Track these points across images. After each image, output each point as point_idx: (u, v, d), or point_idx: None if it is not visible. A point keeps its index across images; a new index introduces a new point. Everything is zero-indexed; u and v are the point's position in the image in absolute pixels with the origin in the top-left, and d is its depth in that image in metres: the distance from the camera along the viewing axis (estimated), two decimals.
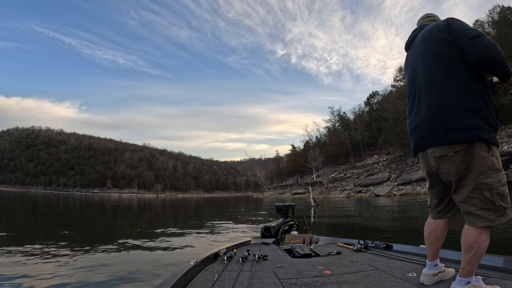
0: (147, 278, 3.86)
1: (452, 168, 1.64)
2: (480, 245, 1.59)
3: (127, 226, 10.79)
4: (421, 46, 1.83)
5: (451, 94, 1.63)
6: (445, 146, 1.64)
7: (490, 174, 1.58)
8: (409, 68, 1.96)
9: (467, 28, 1.63)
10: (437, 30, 1.74)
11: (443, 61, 1.69)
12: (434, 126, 1.68)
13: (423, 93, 1.77)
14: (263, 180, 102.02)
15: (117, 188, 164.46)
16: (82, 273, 3.99)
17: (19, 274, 3.93)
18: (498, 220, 1.58)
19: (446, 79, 1.67)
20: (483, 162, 1.58)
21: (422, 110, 1.76)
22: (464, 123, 1.59)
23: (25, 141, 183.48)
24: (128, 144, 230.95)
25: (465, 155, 1.60)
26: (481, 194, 1.59)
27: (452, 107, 1.62)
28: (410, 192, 27.98)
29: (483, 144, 1.59)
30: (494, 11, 42.66)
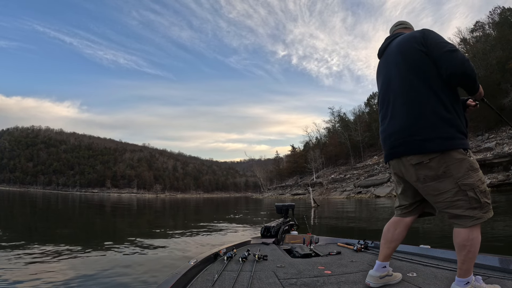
0: (147, 278, 3.85)
1: (430, 173, 1.68)
2: (472, 242, 1.63)
3: (126, 226, 10.77)
4: (396, 56, 1.85)
5: (426, 104, 1.68)
6: (420, 154, 1.68)
7: (470, 175, 1.64)
8: (382, 76, 1.98)
9: (443, 41, 1.67)
10: (412, 41, 1.76)
11: (418, 72, 1.73)
12: (410, 135, 1.71)
13: (397, 102, 1.80)
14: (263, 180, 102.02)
15: (117, 188, 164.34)
16: (81, 273, 3.98)
17: (17, 273, 3.91)
18: (485, 216, 1.64)
19: (421, 90, 1.70)
20: (462, 165, 1.64)
21: (396, 119, 1.79)
22: (438, 133, 1.64)
23: (25, 140, 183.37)
24: (128, 144, 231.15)
25: (440, 161, 1.65)
26: (466, 195, 1.63)
27: (427, 117, 1.67)
28: None
29: (460, 149, 1.65)
30: (495, 12, 42.78)
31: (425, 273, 2.13)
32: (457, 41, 45.92)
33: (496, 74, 34.02)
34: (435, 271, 2.16)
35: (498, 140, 29.15)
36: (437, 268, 2.24)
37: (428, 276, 2.05)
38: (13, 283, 3.56)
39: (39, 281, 3.64)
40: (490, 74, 34.61)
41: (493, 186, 22.17)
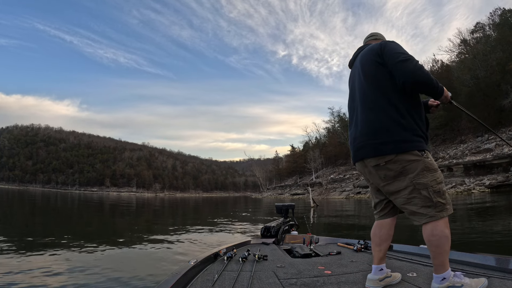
0: (147, 278, 3.84)
1: (388, 173, 1.81)
2: (437, 237, 1.71)
3: (126, 226, 10.75)
4: (358, 66, 2.00)
5: (381, 111, 1.81)
6: (377, 157, 1.81)
7: (424, 175, 1.74)
8: (350, 85, 2.15)
9: (397, 52, 1.78)
10: (370, 53, 1.91)
11: (374, 81, 1.86)
12: (368, 139, 1.84)
13: (359, 109, 1.94)
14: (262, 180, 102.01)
15: (116, 187, 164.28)
16: (80, 273, 3.96)
17: (15, 272, 3.90)
18: (438, 215, 1.72)
19: (376, 98, 1.84)
20: (417, 166, 1.74)
21: (358, 125, 1.93)
22: (393, 137, 1.76)
23: (24, 138, 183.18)
24: (127, 143, 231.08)
25: (396, 163, 1.76)
26: (419, 193, 1.74)
27: (382, 123, 1.79)
28: None
29: (414, 151, 1.74)
30: (495, 14, 42.73)
31: (425, 273, 2.12)
32: (457, 42, 46.03)
33: (496, 75, 34.02)
34: None
35: (497, 141, 29.16)
36: None
37: (428, 276, 2.03)
38: (11, 281, 3.54)
39: (38, 280, 3.62)
40: (490, 75, 34.60)
41: (493, 187, 22.21)
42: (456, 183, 26.25)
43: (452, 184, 26.16)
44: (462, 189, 24.06)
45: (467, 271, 2.06)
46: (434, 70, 50.15)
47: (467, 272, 2.06)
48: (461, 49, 45.24)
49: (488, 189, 22.24)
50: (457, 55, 46.04)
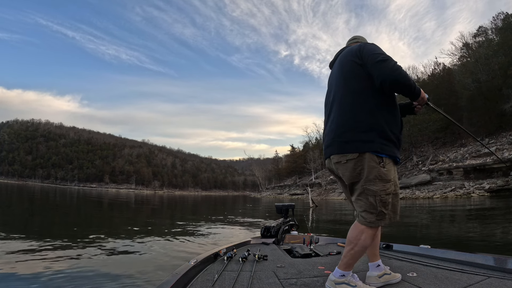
0: (147, 278, 3.82)
1: (346, 173, 1.85)
2: (359, 241, 1.78)
3: (125, 224, 10.73)
4: (337, 67, 2.05)
5: (350, 110, 1.85)
6: (340, 154, 1.85)
7: (376, 183, 1.76)
8: (328, 85, 2.18)
9: (376, 53, 1.80)
10: (349, 54, 1.95)
11: (350, 81, 1.89)
12: (334, 137, 1.90)
13: (333, 108, 1.99)
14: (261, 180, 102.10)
15: (115, 183, 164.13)
16: (79, 273, 3.94)
17: (13, 271, 3.90)
18: (378, 223, 1.78)
19: (348, 98, 1.88)
20: (371, 172, 1.76)
21: (330, 123, 1.99)
22: (356, 136, 1.79)
23: (24, 133, 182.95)
24: (127, 139, 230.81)
25: (357, 163, 1.79)
26: (366, 199, 1.78)
27: (349, 122, 1.83)
28: (409, 196, 27.96)
29: (374, 156, 1.76)
30: (498, 18, 42.68)
31: (425, 273, 2.12)
32: (459, 46, 45.96)
33: (498, 80, 33.97)
34: (435, 271, 2.15)
35: (498, 145, 29.14)
36: (437, 268, 2.24)
37: (428, 276, 2.04)
38: (9, 280, 3.54)
39: (36, 279, 3.62)
40: (492, 79, 34.56)
41: (492, 191, 22.19)
42: (456, 186, 26.26)
43: (452, 188, 26.17)
44: (462, 193, 24.04)
45: (467, 271, 2.06)
46: (436, 73, 50.18)
47: (467, 272, 2.06)
48: (463, 53, 45.18)
49: (487, 193, 22.22)
50: (459, 59, 46.00)
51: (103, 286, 3.50)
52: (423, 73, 53.06)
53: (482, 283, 1.80)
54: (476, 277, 1.93)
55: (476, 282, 1.84)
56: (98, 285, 3.50)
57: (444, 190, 26.33)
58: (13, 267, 4.01)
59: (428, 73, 52.41)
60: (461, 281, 1.88)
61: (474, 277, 1.93)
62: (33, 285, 3.40)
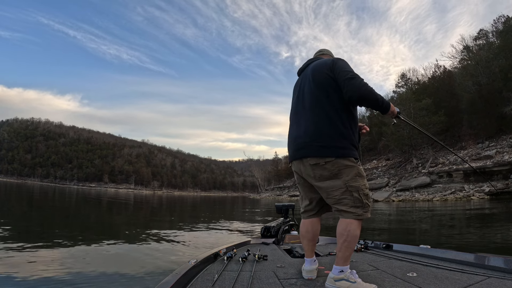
0: (146, 278, 3.80)
1: (324, 173, 2.02)
2: (349, 232, 1.92)
3: (124, 224, 10.71)
4: (310, 76, 2.19)
5: (327, 118, 2.03)
6: (318, 157, 2.01)
7: (357, 179, 1.99)
8: (298, 90, 2.31)
9: (345, 70, 2.01)
10: (324, 66, 2.12)
11: (324, 92, 2.07)
12: (311, 141, 2.04)
13: (306, 113, 2.13)
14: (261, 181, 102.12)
15: (114, 183, 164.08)
16: (78, 273, 3.92)
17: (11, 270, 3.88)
18: (365, 214, 1.97)
19: (325, 106, 2.05)
20: (351, 171, 1.99)
21: (302, 127, 2.13)
22: (335, 142, 1.99)
23: (24, 132, 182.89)
24: (127, 139, 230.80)
25: (334, 165, 1.98)
26: (351, 195, 1.97)
27: (326, 129, 2.01)
28: (409, 198, 27.89)
29: (351, 158, 2.00)
30: (499, 21, 42.76)
31: (425, 273, 2.11)
32: (460, 49, 46.04)
33: (498, 83, 34.00)
34: (435, 271, 2.14)
35: (498, 148, 29.14)
36: (437, 268, 2.23)
37: (428, 276, 2.03)
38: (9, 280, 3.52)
39: (34, 278, 3.60)
40: (493, 82, 34.59)
41: (492, 194, 22.15)
42: (456, 189, 26.23)
43: (452, 190, 26.14)
44: (462, 195, 24.01)
45: (467, 271, 2.05)
46: (436, 76, 50.21)
47: (467, 272, 2.05)
48: (463, 56, 45.26)
49: (487, 196, 22.18)
50: (460, 62, 46.08)
51: (102, 286, 3.48)
52: (424, 75, 53.17)
53: (482, 283, 1.79)
54: (476, 277, 1.92)
55: (476, 282, 1.83)
56: (98, 285, 3.48)
57: (444, 193, 26.29)
58: (11, 267, 3.98)
59: (428, 75, 52.48)
60: (461, 281, 1.87)
61: (474, 277, 1.92)
62: (31, 285, 3.38)
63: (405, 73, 53.08)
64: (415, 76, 53.00)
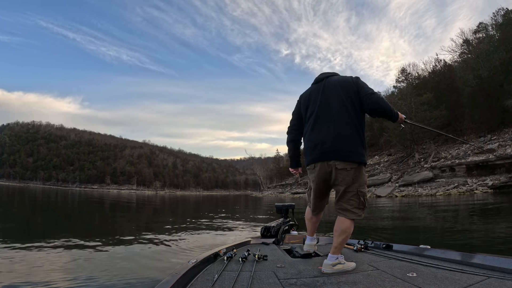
0: (146, 278, 3.80)
1: (347, 178, 2.34)
2: (349, 230, 2.37)
3: (125, 224, 10.72)
4: (338, 88, 2.46)
5: (353, 127, 2.35)
6: (346, 162, 2.32)
7: (364, 186, 2.40)
8: (320, 98, 2.52)
9: (367, 87, 2.41)
10: (350, 81, 2.47)
11: (351, 103, 2.38)
12: (341, 146, 2.32)
13: (333, 120, 2.39)
14: (263, 179, 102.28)
15: (116, 184, 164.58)
16: (78, 273, 3.91)
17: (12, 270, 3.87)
18: (362, 215, 2.39)
19: (351, 116, 2.36)
20: (363, 178, 2.39)
21: (330, 132, 2.37)
22: (358, 149, 2.34)
23: (25, 135, 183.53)
24: (128, 140, 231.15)
25: (356, 172, 2.33)
26: (358, 198, 2.35)
27: (353, 136, 2.34)
28: (412, 193, 27.81)
29: (363, 166, 2.39)
30: (498, 14, 42.58)
31: (425, 273, 2.10)
32: (459, 42, 45.82)
33: (499, 76, 33.84)
34: (435, 271, 2.14)
35: (500, 141, 29.04)
36: (437, 268, 2.22)
37: (428, 276, 2.02)
38: (9, 280, 3.50)
39: (34, 278, 3.58)
40: (493, 75, 34.41)
41: (495, 187, 22.08)
42: (459, 183, 26.14)
43: (455, 185, 26.06)
44: (465, 190, 23.93)
45: (467, 271, 2.05)
46: (436, 70, 50.00)
47: (467, 272, 2.05)
48: (463, 49, 45.07)
49: (491, 190, 22.10)
50: (460, 55, 45.89)
51: (102, 286, 3.48)
52: (424, 70, 52.92)
53: (482, 283, 1.79)
54: (476, 277, 1.92)
55: (476, 282, 1.82)
56: (98, 285, 3.48)
57: (447, 187, 26.22)
58: (11, 268, 3.96)
59: (428, 70, 52.26)
60: (461, 281, 1.87)
61: (474, 277, 1.91)
62: (31, 285, 3.36)
63: (405, 68, 52.85)
64: (415, 71, 52.77)
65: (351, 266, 2.33)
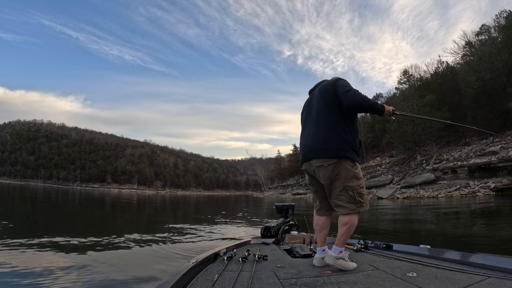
0: (146, 278, 3.78)
1: (326, 174, 2.42)
2: (351, 221, 2.39)
3: (126, 224, 10.73)
4: (319, 93, 2.62)
5: (330, 126, 2.44)
6: (321, 159, 2.42)
7: (352, 180, 2.39)
8: (307, 106, 2.76)
9: (343, 86, 2.46)
10: (328, 85, 2.57)
11: (328, 105, 2.49)
12: (317, 145, 2.46)
13: (312, 123, 2.55)
14: (264, 179, 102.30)
15: (117, 183, 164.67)
16: (78, 273, 3.89)
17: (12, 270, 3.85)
18: (358, 209, 2.41)
19: (328, 116, 2.48)
20: (350, 173, 2.39)
21: (311, 135, 2.52)
22: (335, 145, 2.39)
23: (27, 134, 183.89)
24: (130, 140, 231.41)
25: (335, 167, 2.38)
26: (347, 193, 2.39)
27: (329, 135, 2.42)
28: (414, 195, 27.69)
29: (348, 161, 2.39)
30: (501, 16, 42.49)
31: (425, 273, 2.10)
32: (462, 44, 45.73)
33: (502, 78, 33.73)
34: (435, 271, 2.14)
35: (503, 144, 28.91)
36: (437, 268, 2.22)
37: (428, 276, 2.02)
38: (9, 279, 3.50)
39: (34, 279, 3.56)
40: (496, 77, 34.29)
41: (498, 190, 21.96)
42: (461, 185, 26.02)
43: (457, 187, 25.95)
44: (467, 192, 23.80)
45: (467, 271, 2.05)
46: (439, 72, 49.93)
47: (467, 272, 2.04)
48: (465, 51, 44.97)
49: (493, 192, 21.98)
50: (462, 57, 45.79)
51: (102, 285, 3.46)
52: (426, 71, 52.87)
53: (482, 283, 1.80)
54: (476, 277, 1.92)
55: (476, 282, 1.82)
56: (97, 285, 3.46)
57: (449, 189, 26.11)
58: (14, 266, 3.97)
59: (431, 71, 52.20)
60: (461, 281, 1.87)
61: (474, 277, 1.91)
62: (31, 285, 3.35)
63: (407, 70, 52.79)
64: (417, 72, 52.73)
65: (351, 266, 2.33)
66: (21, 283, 3.38)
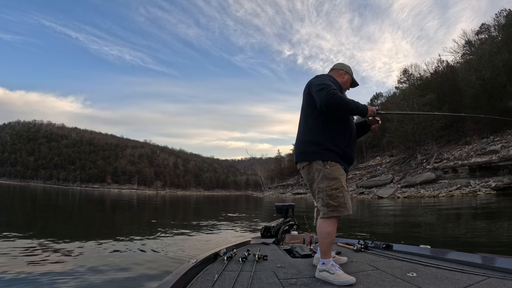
0: (146, 278, 3.77)
1: (305, 177, 2.44)
2: (321, 230, 2.24)
3: (126, 224, 10.72)
4: (303, 94, 2.54)
5: (303, 129, 2.43)
6: (299, 163, 2.42)
7: (323, 181, 2.27)
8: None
9: (317, 84, 2.29)
10: (307, 85, 2.46)
11: (304, 107, 2.46)
12: (296, 149, 2.46)
13: (299, 125, 2.52)
14: (264, 179, 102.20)
15: (117, 184, 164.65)
16: (78, 273, 3.88)
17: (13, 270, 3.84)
18: (331, 213, 2.23)
19: (303, 120, 2.45)
20: (319, 173, 2.29)
21: (297, 138, 2.51)
22: (306, 149, 2.36)
23: (26, 134, 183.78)
24: (129, 140, 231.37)
25: (309, 169, 2.35)
26: (320, 196, 2.29)
27: (302, 138, 2.42)
28: (414, 195, 27.65)
29: (319, 161, 2.29)
30: (501, 15, 42.41)
31: (425, 273, 2.11)
32: (462, 43, 45.66)
33: (502, 77, 33.67)
34: (435, 271, 2.14)
35: (503, 143, 28.86)
36: (437, 268, 2.23)
37: (428, 276, 2.03)
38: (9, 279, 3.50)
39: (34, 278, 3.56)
40: (496, 76, 34.23)
41: (499, 189, 21.91)
42: (461, 184, 25.99)
43: (457, 186, 25.90)
44: (468, 191, 23.76)
45: (467, 271, 2.05)
46: (439, 71, 49.85)
47: (467, 272, 2.04)
48: (465, 50, 44.89)
49: (494, 191, 21.93)
50: (462, 56, 45.72)
51: (102, 285, 3.46)
52: (426, 71, 52.77)
53: (482, 283, 1.81)
54: (476, 277, 1.93)
55: (476, 282, 1.84)
56: (98, 285, 3.46)
57: (450, 189, 26.06)
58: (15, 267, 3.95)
59: (430, 71, 52.10)
60: (461, 281, 1.88)
61: (474, 277, 1.92)
62: (32, 285, 3.35)
63: (407, 69, 52.72)
64: (417, 71, 52.65)
65: (337, 280, 2.01)
66: (21, 284, 3.36)
